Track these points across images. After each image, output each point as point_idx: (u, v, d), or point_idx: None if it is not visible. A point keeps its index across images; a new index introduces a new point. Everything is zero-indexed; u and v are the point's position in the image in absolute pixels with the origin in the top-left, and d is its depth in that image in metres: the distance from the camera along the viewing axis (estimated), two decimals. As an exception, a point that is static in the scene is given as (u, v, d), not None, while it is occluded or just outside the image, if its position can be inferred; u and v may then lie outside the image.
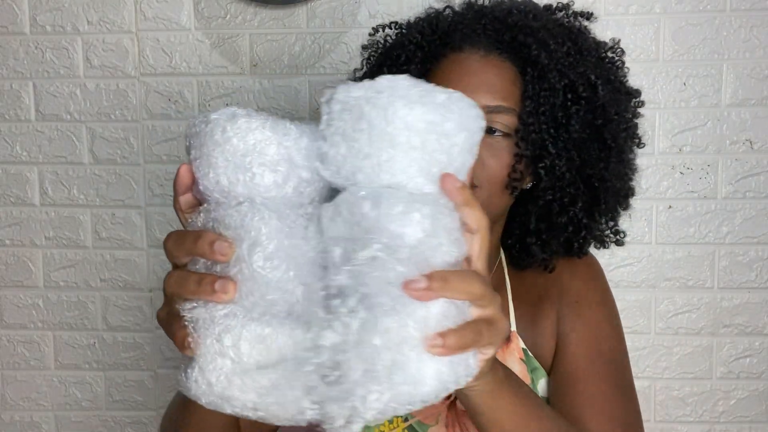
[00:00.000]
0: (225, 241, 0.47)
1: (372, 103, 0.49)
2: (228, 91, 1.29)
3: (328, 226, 0.49)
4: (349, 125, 0.49)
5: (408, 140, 0.49)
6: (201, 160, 0.51)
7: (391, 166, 0.49)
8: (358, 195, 0.49)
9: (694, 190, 1.26)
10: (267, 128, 0.50)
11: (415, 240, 0.47)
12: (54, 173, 1.33)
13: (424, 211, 0.48)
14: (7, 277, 1.36)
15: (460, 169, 0.52)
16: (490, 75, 0.77)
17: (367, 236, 0.47)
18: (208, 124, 0.51)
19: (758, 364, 1.28)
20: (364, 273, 0.46)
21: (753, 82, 1.23)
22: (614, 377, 0.80)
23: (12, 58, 1.31)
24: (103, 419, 1.38)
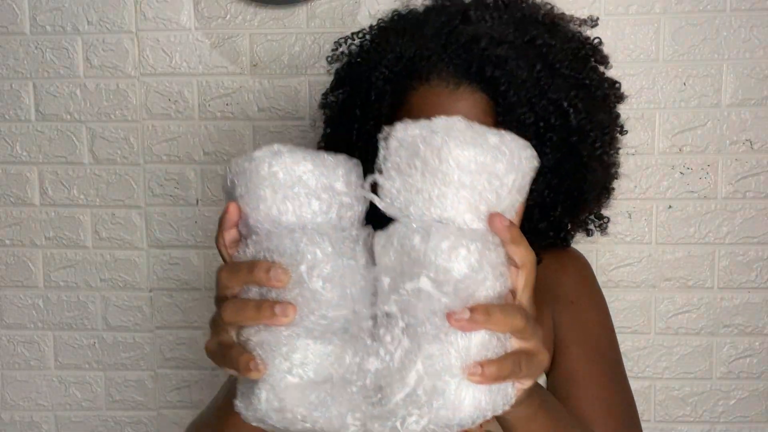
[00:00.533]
0: (280, 267, 0.50)
1: (427, 142, 0.52)
2: (228, 91, 1.29)
3: (379, 253, 0.53)
4: (404, 161, 0.53)
5: (459, 179, 0.52)
6: (249, 195, 0.55)
7: (442, 202, 0.53)
8: (410, 228, 0.52)
9: (694, 190, 1.26)
10: (308, 161, 0.55)
11: (461, 274, 0.50)
12: (54, 173, 1.33)
13: (471, 247, 0.51)
14: (7, 277, 1.36)
15: (509, 207, 0.55)
16: (462, 109, 0.75)
17: (415, 269, 0.51)
18: (253, 162, 0.55)
19: (758, 364, 1.28)
20: (410, 303, 0.50)
21: (753, 82, 1.23)
22: (613, 375, 0.83)
23: (12, 58, 1.31)
24: (103, 419, 1.38)
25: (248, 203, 0.55)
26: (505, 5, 0.81)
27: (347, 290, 0.52)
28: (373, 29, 0.87)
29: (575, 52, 0.80)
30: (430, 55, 0.76)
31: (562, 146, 0.77)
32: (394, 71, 0.78)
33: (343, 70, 0.87)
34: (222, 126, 1.30)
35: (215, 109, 1.30)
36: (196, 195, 1.32)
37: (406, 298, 0.51)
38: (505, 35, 0.76)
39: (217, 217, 1.37)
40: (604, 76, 0.84)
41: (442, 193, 0.52)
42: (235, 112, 1.29)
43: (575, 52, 0.80)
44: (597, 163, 0.80)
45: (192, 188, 1.32)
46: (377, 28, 0.86)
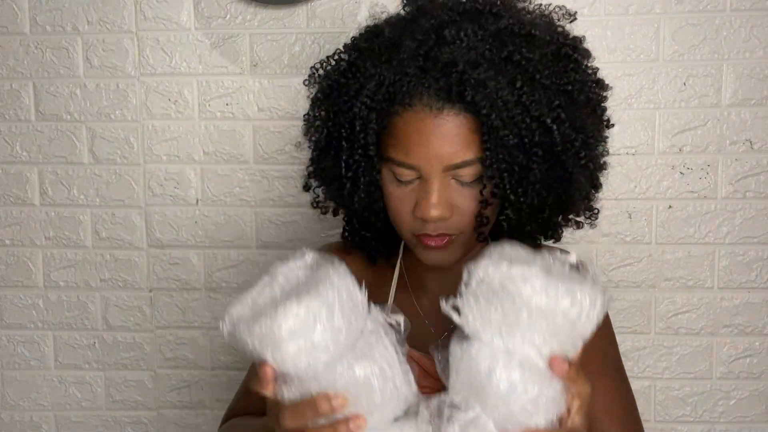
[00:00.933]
0: (339, 396, 0.61)
1: (504, 285, 0.62)
2: (228, 91, 1.29)
3: (452, 363, 0.65)
4: (483, 295, 0.63)
5: (528, 321, 0.61)
6: (282, 358, 0.62)
7: (512, 337, 0.62)
8: (480, 355, 0.62)
9: (694, 190, 1.26)
10: (312, 306, 0.62)
11: (518, 406, 0.60)
12: (54, 173, 1.33)
13: (528, 383, 0.61)
14: (7, 277, 1.36)
15: (570, 349, 0.63)
16: (447, 133, 0.75)
17: (476, 395, 0.62)
18: (273, 328, 0.61)
19: (758, 364, 1.28)
20: (467, 428, 0.62)
21: (753, 82, 1.23)
22: (619, 381, 0.86)
23: (12, 58, 1.31)
24: (103, 419, 1.38)
25: (282, 362, 0.62)
26: (478, 17, 0.79)
27: (395, 382, 0.63)
28: (348, 50, 0.85)
29: (556, 53, 0.79)
30: (409, 81, 0.76)
31: (548, 158, 0.77)
32: (376, 99, 0.78)
33: (322, 96, 0.86)
34: (222, 126, 1.30)
35: (215, 109, 1.29)
36: (196, 195, 1.32)
37: (463, 424, 0.62)
38: (481, 55, 0.76)
39: (217, 217, 1.37)
40: (587, 72, 0.83)
41: (511, 330, 0.62)
42: (235, 112, 1.29)
43: (556, 53, 0.79)
44: (583, 170, 0.80)
45: (192, 188, 1.32)
46: (353, 49, 0.85)
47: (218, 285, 1.33)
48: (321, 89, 0.86)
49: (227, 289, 1.33)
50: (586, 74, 0.82)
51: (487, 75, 0.74)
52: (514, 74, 0.75)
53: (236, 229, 1.32)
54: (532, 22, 0.80)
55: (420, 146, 0.76)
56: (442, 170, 0.76)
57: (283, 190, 1.30)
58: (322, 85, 0.86)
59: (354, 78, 0.81)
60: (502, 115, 0.74)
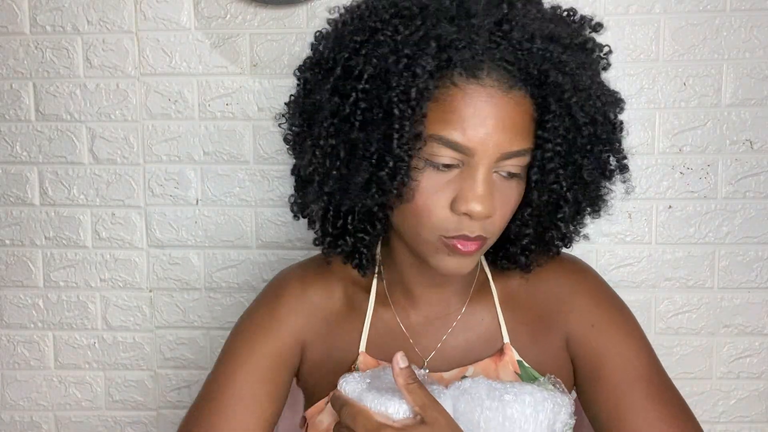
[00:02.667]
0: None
1: (487, 406, 0.70)
2: (228, 91, 1.29)
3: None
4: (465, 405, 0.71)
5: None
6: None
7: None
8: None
9: (694, 190, 1.26)
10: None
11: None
12: (54, 173, 1.33)
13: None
14: (7, 277, 1.36)
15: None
16: (511, 116, 0.66)
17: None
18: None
19: (758, 364, 1.28)
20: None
21: (753, 82, 1.23)
22: (659, 394, 0.78)
23: (12, 58, 1.31)
24: (103, 419, 1.38)
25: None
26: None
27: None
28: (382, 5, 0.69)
29: (599, 56, 0.74)
30: (481, 49, 0.65)
31: (597, 162, 0.73)
32: (437, 63, 0.64)
33: (337, 47, 0.70)
34: (222, 126, 1.30)
35: (215, 109, 1.29)
36: (196, 195, 1.32)
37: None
38: (559, 35, 0.67)
39: (217, 217, 1.37)
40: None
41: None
42: (235, 112, 1.29)
43: (591, 50, 0.73)
44: (607, 175, 0.76)
45: (192, 188, 1.32)
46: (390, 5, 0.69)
47: (218, 285, 1.33)
48: (334, 38, 0.72)
49: (227, 289, 1.33)
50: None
51: (567, 55, 0.66)
52: (585, 67, 0.68)
53: (236, 229, 1.32)
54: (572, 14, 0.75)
55: (480, 127, 0.65)
56: (497, 158, 0.66)
57: (283, 190, 1.30)
58: (337, 45, 0.71)
59: (403, 33, 0.65)
60: (580, 98, 0.67)
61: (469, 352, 0.82)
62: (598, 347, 0.80)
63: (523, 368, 0.80)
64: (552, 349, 0.82)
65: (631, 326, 0.83)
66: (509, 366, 0.80)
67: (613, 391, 0.78)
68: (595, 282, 0.86)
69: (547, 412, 0.70)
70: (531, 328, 0.82)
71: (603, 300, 0.84)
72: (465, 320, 0.83)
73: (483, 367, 0.80)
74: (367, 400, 0.66)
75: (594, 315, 0.81)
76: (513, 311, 0.83)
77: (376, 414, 0.64)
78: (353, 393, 0.68)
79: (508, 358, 0.80)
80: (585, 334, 0.81)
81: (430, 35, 0.65)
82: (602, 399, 0.78)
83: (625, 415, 0.76)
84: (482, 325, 0.83)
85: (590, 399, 0.80)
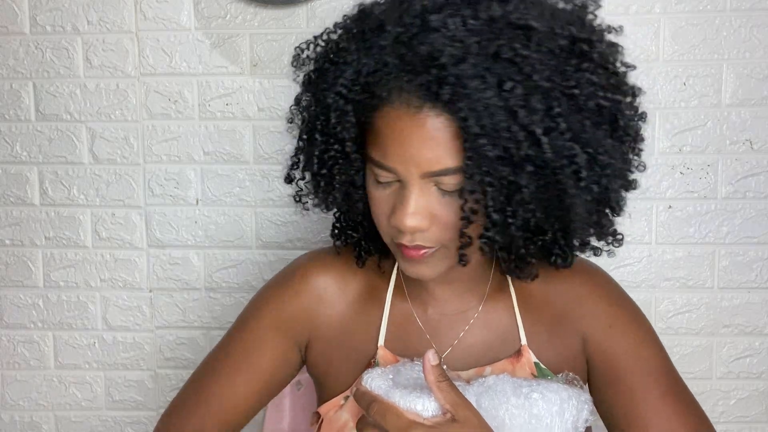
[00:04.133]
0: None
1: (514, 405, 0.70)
2: (228, 91, 1.29)
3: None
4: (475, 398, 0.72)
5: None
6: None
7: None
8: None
9: (694, 190, 1.26)
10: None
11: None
12: (54, 173, 1.33)
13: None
14: (7, 277, 1.36)
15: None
16: (427, 135, 0.66)
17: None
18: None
19: (758, 364, 1.28)
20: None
21: (753, 82, 1.23)
22: (674, 394, 0.79)
23: (12, 58, 1.31)
24: (102, 419, 1.38)
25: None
26: (474, 2, 0.68)
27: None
28: (337, 30, 0.77)
29: (566, 49, 0.68)
30: (388, 72, 0.68)
31: (542, 175, 0.66)
32: (353, 90, 0.70)
33: (307, 80, 0.79)
34: (222, 126, 1.30)
35: (215, 109, 1.29)
36: (196, 195, 1.32)
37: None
38: (468, 48, 0.65)
39: (217, 217, 1.37)
40: (608, 73, 0.71)
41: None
42: (235, 112, 1.29)
43: (566, 49, 0.68)
44: (584, 192, 0.68)
45: (192, 188, 1.32)
46: (342, 29, 0.76)
47: (218, 285, 1.33)
48: (306, 72, 0.79)
49: (227, 289, 1.33)
50: (605, 76, 0.70)
51: (470, 72, 0.64)
52: (504, 73, 0.64)
53: (236, 229, 1.32)
54: (539, 11, 0.69)
55: (397, 148, 0.68)
56: (420, 176, 0.68)
57: (283, 190, 1.30)
58: (308, 67, 0.79)
59: (335, 64, 0.73)
60: (484, 120, 0.63)
61: (486, 352, 0.82)
62: (615, 348, 0.81)
63: (540, 370, 0.80)
64: (568, 351, 0.82)
65: (646, 328, 0.84)
66: (526, 368, 0.80)
67: (630, 391, 0.79)
68: (610, 284, 0.87)
69: (572, 410, 0.70)
70: (548, 330, 0.83)
71: (618, 302, 0.85)
72: (482, 319, 0.84)
73: (500, 368, 0.80)
74: (395, 396, 0.64)
75: (610, 316, 0.82)
76: (530, 313, 0.84)
77: (407, 411, 0.64)
78: (380, 389, 0.67)
79: (525, 360, 0.81)
80: (602, 334, 0.82)
81: (347, 63, 0.71)
82: (618, 399, 0.79)
83: (640, 415, 0.77)
84: (500, 326, 0.83)
85: (604, 398, 0.81)
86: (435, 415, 0.63)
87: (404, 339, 0.83)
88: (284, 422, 1.08)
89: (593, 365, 0.82)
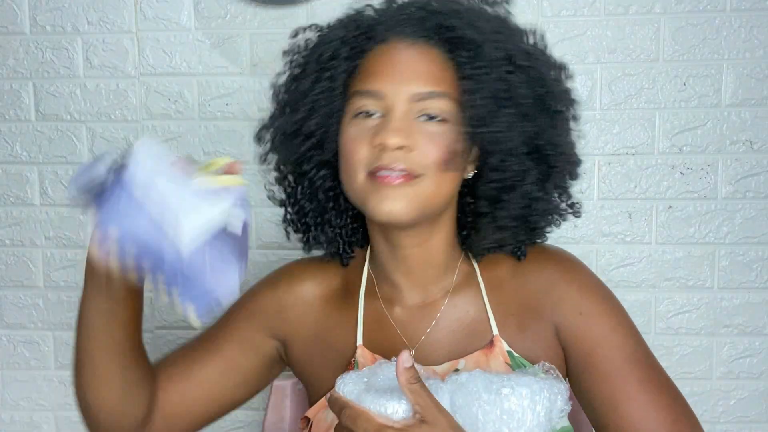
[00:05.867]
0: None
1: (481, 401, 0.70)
2: (228, 91, 1.29)
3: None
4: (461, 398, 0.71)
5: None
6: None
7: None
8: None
9: (694, 190, 1.26)
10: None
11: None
12: (54, 173, 1.33)
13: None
14: (7, 277, 1.36)
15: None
16: (418, 62, 0.76)
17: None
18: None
19: (758, 364, 1.28)
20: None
21: (753, 82, 1.23)
22: (650, 380, 0.80)
23: (12, 58, 1.31)
24: (103, 419, 1.38)
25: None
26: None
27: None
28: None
29: (524, 34, 0.82)
30: (387, 18, 0.78)
31: (531, 96, 0.77)
32: (352, 34, 0.79)
33: (297, 53, 0.85)
34: (222, 126, 1.30)
35: (215, 109, 1.29)
36: (196, 195, 1.32)
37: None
38: (460, 2, 0.80)
39: (217, 217, 1.36)
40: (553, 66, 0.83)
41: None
42: (235, 112, 1.29)
43: (524, 35, 0.82)
44: (564, 124, 0.81)
45: (192, 188, 1.31)
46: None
47: (218, 285, 1.33)
48: (298, 50, 0.85)
49: (227, 289, 1.33)
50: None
51: (463, 7, 0.77)
52: (491, 19, 0.79)
53: (236, 229, 1.32)
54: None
55: (388, 73, 0.75)
56: (409, 99, 0.74)
57: (283, 190, 1.30)
58: (298, 46, 0.85)
59: (332, 27, 0.83)
60: (482, 33, 0.75)
61: (457, 345, 0.83)
62: (587, 334, 0.81)
63: (513, 359, 0.81)
64: (542, 339, 0.82)
65: (617, 312, 0.84)
66: (500, 357, 0.81)
67: (605, 377, 0.79)
68: (581, 270, 0.86)
69: (544, 402, 0.70)
70: (519, 319, 0.83)
71: (589, 288, 0.85)
72: (450, 312, 0.84)
73: (474, 360, 0.81)
74: (366, 401, 0.65)
75: (581, 303, 0.82)
76: (501, 302, 0.84)
77: (377, 415, 0.64)
78: (351, 394, 0.68)
79: (498, 349, 0.81)
80: (574, 321, 0.82)
81: (348, 20, 0.82)
82: (594, 386, 0.80)
83: (617, 401, 0.78)
84: (469, 317, 0.84)
85: (583, 386, 0.82)
86: (405, 418, 0.64)
87: (379, 337, 0.84)
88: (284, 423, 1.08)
89: (568, 354, 0.83)
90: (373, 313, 0.85)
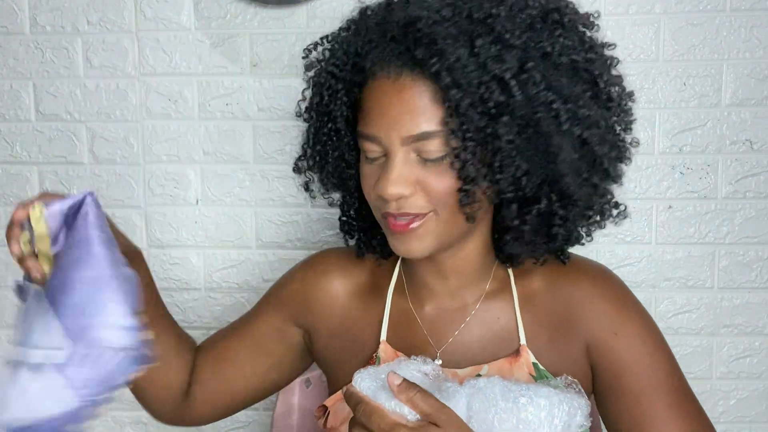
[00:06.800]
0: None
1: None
2: (228, 91, 1.29)
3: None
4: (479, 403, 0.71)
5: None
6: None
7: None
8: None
9: (694, 190, 1.26)
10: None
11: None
12: (54, 173, 1.33)
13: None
14: (7, 276, 1.36)
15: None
16: (406, 100, 0.71)
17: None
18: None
19: (758, 364, 1.28)
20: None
21: (753, 82, 1.23)
22: (680, 405, 0.80)
23: (12, 58, 1.31)
24: (103, 419, 1.38)
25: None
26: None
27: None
28: (341, 29, 0.82)
29: (540, 17, 0.73)
30: (373, 47, 0.74)
31: (520, 124, 0.70)
32: (344, 69, 0.77)
33: (313, 78, 0.85)
34: (222, 126, 1.30)
35: (215, 109, 1.29)
36: (196, 195, 1.32)
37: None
38: (442, 14, 0.71)
39: (217, 217, 1.37)
40: (582, 40, 0.76)
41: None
42: (235, 112, 1.29)
43: (540, 17, 0.73)
44: (566, 138, 0.72)
45: (192, 188, 1.32)
46: (340, 28, 0.82)
47: (218, 285, 1.33)
48: (314, 73, 0.85)
49: (227, 289, 1.33)
50: (577, 38, 0.75)
51: (443, 33, 0.69)
52: (477, 32, 0.70)
53: (236, 229, 1.32)
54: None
55: (379, 115, 0.73)
56: (401, 143, 0.72)
57: (283, 190, 1.30)
58: (315, 63, 0.85)
59: (330, 53, 0.81)
60: (458, 75, 0.68)
61: (483, 350, 0.82)
62: (621, 356, 0.80)
63: (539, 371, 0.80)
64: (571, 354, 0.81)
65: (654, 335, 0.83)
66: (524, 368, 0.80)
67: (635, 400, 0.78)
68: (619, 289, 0.85)
69: (563, 416, 0.69)
70: (550, 332, 0.82)
71: (626, 307, 0.83)
72: (480, 317, 0.83)
73: (498, 367, 0.80)
74: (382, 398, 0.65)
75: (617, 323, 0.81)
76: (533, 313, 0.83)
77: (392, 413, 0.64)
78: (368, 390, 0.67)
79: (523, 359, 0.80)
80: (607, 341, 0.80)
81: (340, 50, 0.78)
82: (623, 408, 0.79)
83: (645, 425, 0.77)
84: (498, 324, 0.83)
85: (610, 407, 0.81)
86: (419, 418, 0.64)
87: (404, 335, 0.84)
88: (293, 418, 1.08)
89: (597, 372, 0.82)
90: (400, 311, 0.86)
